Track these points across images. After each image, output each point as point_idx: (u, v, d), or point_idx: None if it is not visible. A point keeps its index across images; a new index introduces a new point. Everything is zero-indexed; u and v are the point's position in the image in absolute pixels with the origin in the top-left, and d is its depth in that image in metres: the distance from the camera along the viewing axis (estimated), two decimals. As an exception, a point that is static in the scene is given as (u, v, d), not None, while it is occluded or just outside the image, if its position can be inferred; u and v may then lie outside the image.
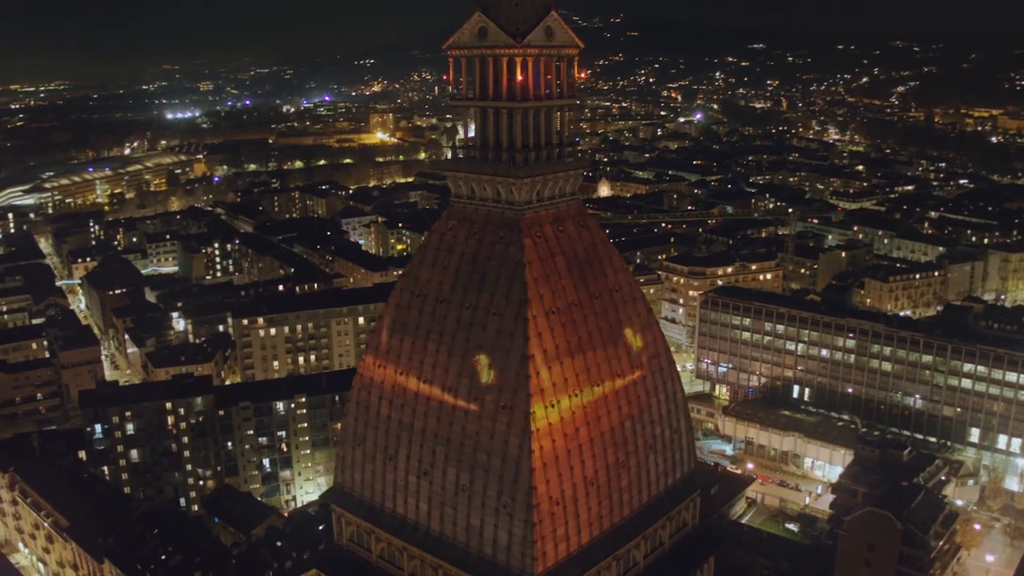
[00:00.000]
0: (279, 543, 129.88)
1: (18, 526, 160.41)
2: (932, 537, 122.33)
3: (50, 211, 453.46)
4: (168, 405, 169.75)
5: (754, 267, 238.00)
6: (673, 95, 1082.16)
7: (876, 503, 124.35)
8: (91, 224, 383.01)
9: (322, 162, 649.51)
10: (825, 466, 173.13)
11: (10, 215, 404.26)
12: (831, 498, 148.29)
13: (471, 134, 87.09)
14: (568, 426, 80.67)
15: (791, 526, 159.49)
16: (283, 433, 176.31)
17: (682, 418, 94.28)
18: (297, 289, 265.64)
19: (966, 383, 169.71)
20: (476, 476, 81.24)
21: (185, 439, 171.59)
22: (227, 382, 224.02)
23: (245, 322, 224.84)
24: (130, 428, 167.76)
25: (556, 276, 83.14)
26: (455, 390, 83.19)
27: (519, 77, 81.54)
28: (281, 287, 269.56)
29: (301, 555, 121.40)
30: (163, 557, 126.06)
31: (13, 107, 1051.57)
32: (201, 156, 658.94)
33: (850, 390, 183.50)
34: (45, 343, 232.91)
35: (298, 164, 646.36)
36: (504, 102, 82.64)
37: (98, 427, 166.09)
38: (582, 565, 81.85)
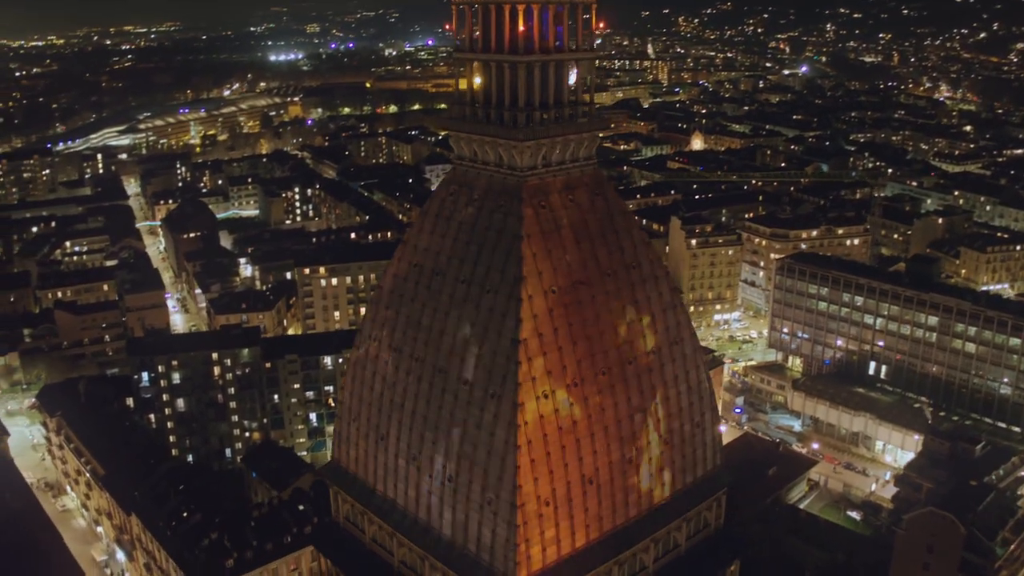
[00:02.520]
0: (301, 507, 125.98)
1: (65, 470, 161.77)
2: (999, 544, 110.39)
3: (144, 152, 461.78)
4: (215, 356, 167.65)
5: (841, 231, 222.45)
6: (781, 46, 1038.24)
7: (939, 503, 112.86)
8: (178, 165, 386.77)
9: (416, 107, 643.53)
10: (896, 451, 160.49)
11: (98, 156, 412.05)
12: (896, 489, 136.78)
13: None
14: (564, 419, 72.67)
15: (853, 514, 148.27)
16: (330, 388, 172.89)
17: (707, 411, 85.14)
18: (370, 237, 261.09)
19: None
20: (462, 467, 74.32)
21: (231, 390, 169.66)
22: (289, 331, 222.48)
23: (307, 271, 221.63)
24: (176, 377, 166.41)
25: (560, 251, 74.55)
26: (445, 372, 76.04)
27: (521, 27, 72.43)
28: (353, 235, 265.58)
29: (313, 524, 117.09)
30: (185, 514, 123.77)
31: (123, 48, 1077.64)
32: (297, 99, 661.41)
33: (933, 369, 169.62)
34: (114, 285, 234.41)
35: (392, 109, 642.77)
36: (506, 55, 73.80)
37: (145, 375, 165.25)
38: (575, 570, 74.38)
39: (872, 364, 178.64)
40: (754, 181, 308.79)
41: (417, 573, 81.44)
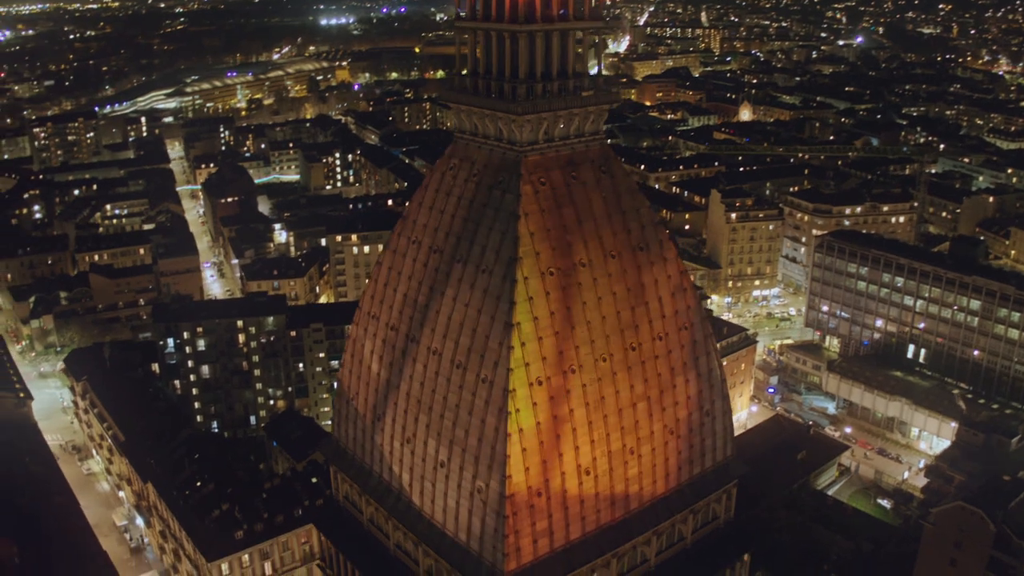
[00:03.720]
0: (315, 479, 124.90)
1: (90, 434, 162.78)
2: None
3: (190, 115, 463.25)
4: (239, 323, 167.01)
5: (886, 208, 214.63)
6: (838, 16, 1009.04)
7: (969, 498, 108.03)
8: (221, 129, 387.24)
9: (464, 72, 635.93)
10: (932, 438, 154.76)
11: (142, 119, 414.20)
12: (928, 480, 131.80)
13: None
14: (560, 407, 69.48)
15: (883, 502, 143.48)
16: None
17: (717, 399, 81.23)
18: (406, 205, 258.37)
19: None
20: (454, 453, 71.66)
21: (256, 358, 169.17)
22: (321, 299, 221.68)
23: (339, 238, 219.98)
24: (201, 344, 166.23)
25: (560, 230, 70.95)
26: (439, 354, 73.17)
27: (521, -8, 68.51)
28: (390, 202, 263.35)
29: (325, 498, 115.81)
30: (198, 484, 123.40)
31: (176, 11, 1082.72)
32: (345, 63, 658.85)
33: (974, 355, 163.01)
34: (150, 250, 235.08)
35: (440, 74, 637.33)
36: (506, 24, 69.92)
37: (170, 341, 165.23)
38: (569, 563, 71.57)
39: (911, 347, 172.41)
40: (801, 154, 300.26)
41: (412, 558, 79.36)
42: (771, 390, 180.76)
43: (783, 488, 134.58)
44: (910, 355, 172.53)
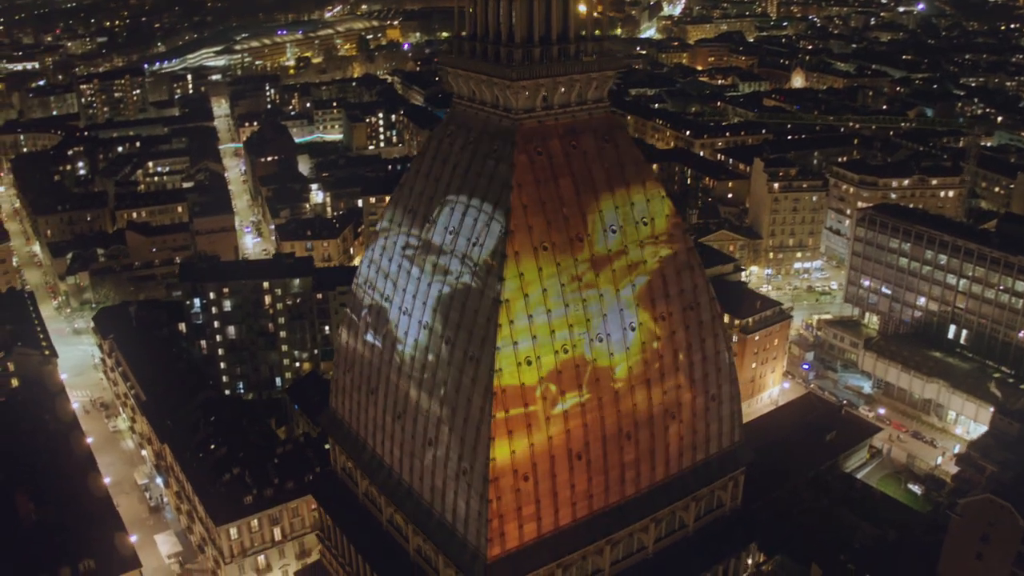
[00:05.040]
0: (327, 446, 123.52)
1: (116, 392, 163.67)
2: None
3: (238, 73, 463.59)
4: (265, 284, 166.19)
5: (934, 181, 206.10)
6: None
7: (998, 490, 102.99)
8: (267, 87, 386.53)
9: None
10: (969, 423, 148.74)
11: (189, 76, 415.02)
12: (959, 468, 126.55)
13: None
14: (549, 388, 66.51)
15: (914, 488, 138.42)
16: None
17: (725, 383, 77.53)
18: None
19: None
20: (441, 431, 69.20)
21: (282, 320, 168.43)
22: (356, 260, 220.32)
23: (372, 199, 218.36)
24: (227, 305, 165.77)
25: (556, 203, 67.49)
26: (430, 328, 70.51)
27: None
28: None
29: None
30: (212, 447, 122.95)
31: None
32: (395, 22, 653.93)
33: (1020, 336, 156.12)
34: (187, 207, 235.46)
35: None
36: (502, -18, 66.25)
37: (196, 301, 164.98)
38: (558, 549, 68.97)
39: (952, 328, 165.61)
40: (851, 124, 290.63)
41: (403, 535, 77.46)
42: (806, 366, 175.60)
43: (808, 469, 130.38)
44: (951, 336, 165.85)
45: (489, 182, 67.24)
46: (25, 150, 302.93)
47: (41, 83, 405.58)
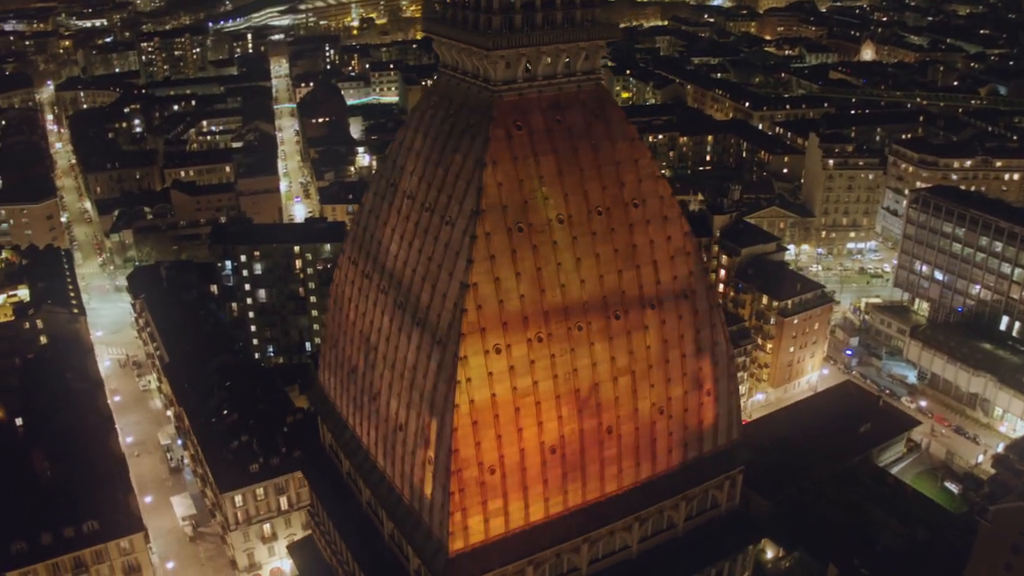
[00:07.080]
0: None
1: (147, 351, 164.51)
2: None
3: (302, 32, 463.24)
4: (296, 248, 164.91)
5: (999, 163, 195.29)
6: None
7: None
8: (327, 48, 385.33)
9: None
10: (1017, 421, 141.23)
11: (248, 36, 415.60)
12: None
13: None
14: (521, 378, 62.81)
15: (951, 486, 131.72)
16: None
17: (722, 378, 72.78)
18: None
19: None
20: (411, 416, 66.19)
21: (312, 284, 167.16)
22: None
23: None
24: (258, 268, 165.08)
25: (534, 181, 63.33)
26: (403, 308, 67.33)
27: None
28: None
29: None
30: (224, 412, 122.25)
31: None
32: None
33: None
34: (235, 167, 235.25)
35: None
36: (482, -57, 61.82)
37: (228, 263, 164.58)
38: (528, 546, 65.63)
39: (1004, 319, 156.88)
40: (919, 100, 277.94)
41: (379, 518, 75.00)
42: (849, 352, 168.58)
43: (837, 462, 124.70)
44: (1003, 327, 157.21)
45: (464, 158, 63.37)
46: (84, 107, 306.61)
47: (108, 40, 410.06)
